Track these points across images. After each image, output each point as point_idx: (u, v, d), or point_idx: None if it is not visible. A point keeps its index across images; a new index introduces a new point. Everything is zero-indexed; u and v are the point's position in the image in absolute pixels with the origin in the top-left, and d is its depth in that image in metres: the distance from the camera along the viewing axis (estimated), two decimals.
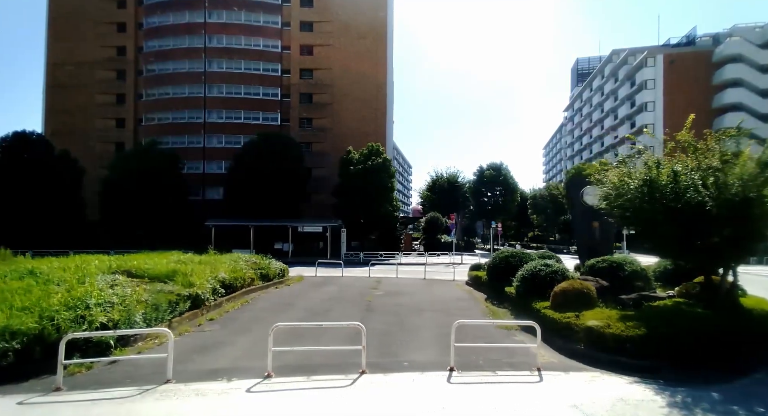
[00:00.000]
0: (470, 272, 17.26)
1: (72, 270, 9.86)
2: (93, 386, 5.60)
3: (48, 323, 6.33)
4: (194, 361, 6.55)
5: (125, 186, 32.21)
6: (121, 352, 6.96)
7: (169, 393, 5.31)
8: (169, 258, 14.14)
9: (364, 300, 12.06)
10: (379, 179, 32.61)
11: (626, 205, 7.68)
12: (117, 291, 8.04)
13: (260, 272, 15.11)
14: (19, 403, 5.04)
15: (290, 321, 9.37)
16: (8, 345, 5.85)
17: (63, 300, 7.05)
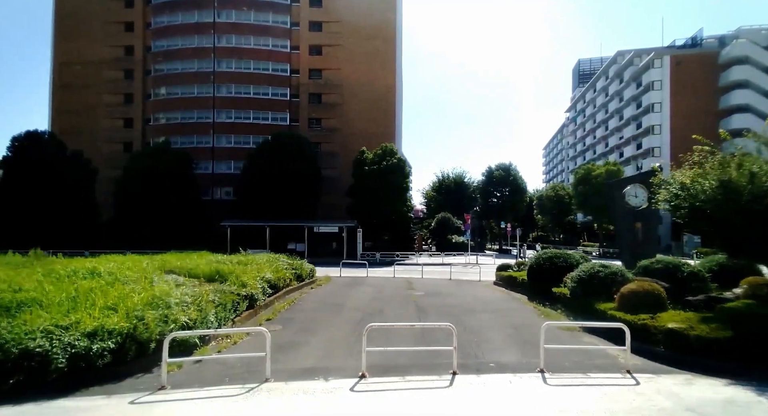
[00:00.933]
0: (498, 272, 17.34)
1: (134, 269, 9.87)
2: (195, 384, 5.61)
3: (138, 322, 6.35)
4: (279, 361, 6.54)
5: (139, 186, 32.14)
6: (203, 352, 6.98)
7: (275, 391, 5.34)
8: (207, 258, 14.14)
9: (409, 300, 12.10)
10: (394, 180, 32.67)
11: (698, 206, 7.69)
12: (186, 291, 8.06)
13: (295, 273, 15.15)
14: (131, 402, 5.06)
15: (346, 321, 9.43)
16: (104, 345, 5.87)
17: (144, 299, 7.07)
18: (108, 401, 5.16)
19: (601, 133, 73.04)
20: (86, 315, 6.34)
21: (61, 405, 5.04)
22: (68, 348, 5.59)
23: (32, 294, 6.99)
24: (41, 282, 7.88)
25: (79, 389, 5.51)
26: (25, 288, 7.40)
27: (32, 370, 5.31)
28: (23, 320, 5.97)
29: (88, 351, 5.73)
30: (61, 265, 10.47)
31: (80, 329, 5.94)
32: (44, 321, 5.96)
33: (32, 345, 5.41)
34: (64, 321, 6.08)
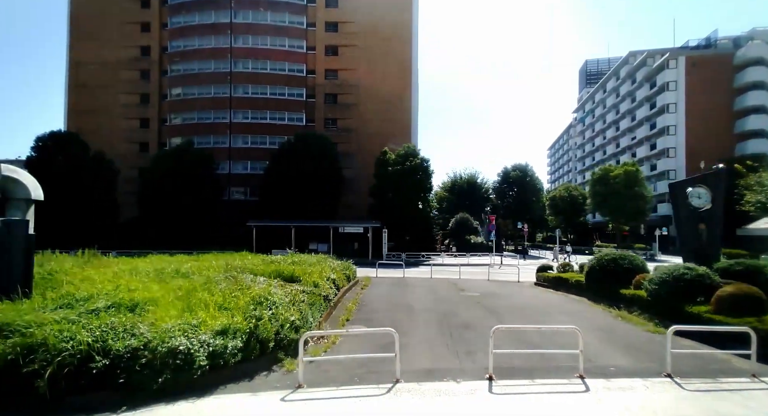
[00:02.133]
0: (540, 273, 17.36)
1: (215, 269, 9.88)
2: (329, 384, 5.60)
3: (258, 321, 6.36)
4: (391, 362, 6.50)
5: (162, 186, 32.13)
6: (314, 352, 6.97)
7: (415, 392, 5.32)
8: (260, 258, 14.16)
9: (471, 301, 12.08)
10: (417, 180, 32.66)
11: None
12: (278, 292, 8.06)
13: (344, 273, 15.13)
14: (282, 400, 5.10)
15: (426, 322, 9.39)
16: (236, 343, 5.87)
17: (250, 299, 7.07)
18: (256, 399, 5.19)
19: (612, 134, 72.97)
20: (206, 315, 6.36)
21: (215, 404, 5.07)
22: (205, 346, 5.61)
23: (143, 294, 7.00)
24: (145, 282, 7.89)
25: (218, 387, 5.53)
26: (133, 287, 7.41)
27: (178, 368, 5.32)
28: (151, 319, 5.98)
29: (225, 349, 5.76)
30: (107, 265, 10.49)
31: (208, 328, 5.96)
32: (172, 319, 5.97)
33: (176, 344, 5.43)
34: (189, 319, 6.11)
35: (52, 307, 6.45)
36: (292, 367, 6.24)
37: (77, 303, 6.63)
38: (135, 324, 5.80)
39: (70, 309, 6.39)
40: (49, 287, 8.08)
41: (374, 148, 44.87)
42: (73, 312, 6.22)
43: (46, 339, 5.15)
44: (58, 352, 5.06)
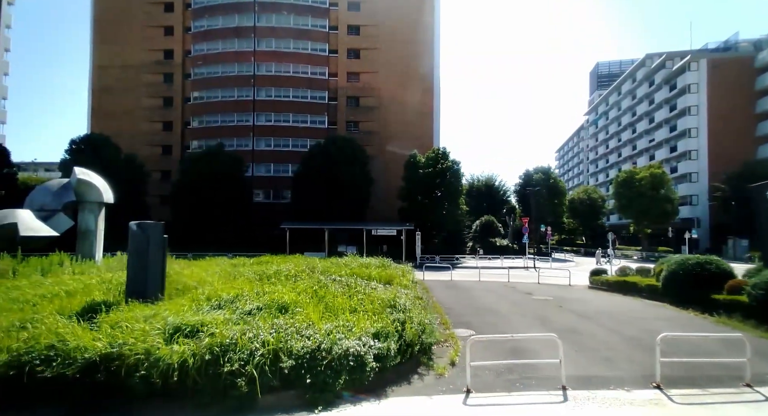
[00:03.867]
0: (595, 277, 17.38)
1: (304, 271, 9.97)
2: (495, 389, 5.61)
3: (403, 325, 6.42)
4: (541, 368, 6.45)
5: (195, 188, 32.31)
6: (452, 356, 7.01)
7: (592, 400, 5.24)
8: (332, 261, 14.25)
9: (550, 305, 12.07)
10: (448, 183, 32.72)
11: None
12: (402, 295, 8.12)
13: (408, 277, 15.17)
14: (464, 404, 5.15)
15: (529, 326, 9.38)
16: (394, 346, 5.93)
17: (381, 302, 7.14)
18: (435, 402, 5.23)
19: (628, 136, 72.78)
20: (352, 318, 6.44)
21: (397, 406, 5.13)
22: (368, 348, 5.68)
23: (278, 297, 7.08)
24: (274, 283, 7.99)
25: (384, 389, 5.58)
26: (268, 290, 7.50)
27: (352, 370, 5.39)
28: (304, 320, 6.04)
29: (388, 351, 5.82)
30: (214, 267, 10.57)
31: (362, 331, 6.03)
32: (327, 322, 6.06)
33: (347, 345, 5.51)
34: (341, 321, 6.20)
35: (205, 309, 6.54)
36: (443, 371, 6.29)
37: (228, 305, 6.73)
38: (300, 325, 5.89)
39: (224, 310, 6.48)
40: (173, 289, 8.19)
41: (396, 151, 45.06)
42: (231, 313, 6.32)
43: (236, 340, 5.24)
44: (250, 352, 5.15)
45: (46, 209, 12.83)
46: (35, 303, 7.16)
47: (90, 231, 14.02)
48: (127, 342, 5.25)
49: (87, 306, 6.80)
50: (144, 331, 5.46)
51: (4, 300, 7.08)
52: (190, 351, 5.12)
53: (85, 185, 13.94)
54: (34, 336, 5.36)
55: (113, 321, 6.00)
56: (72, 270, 11.35)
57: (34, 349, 5.11)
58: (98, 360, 5.05)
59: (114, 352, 5.13)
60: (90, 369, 4.98)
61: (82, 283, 8.58)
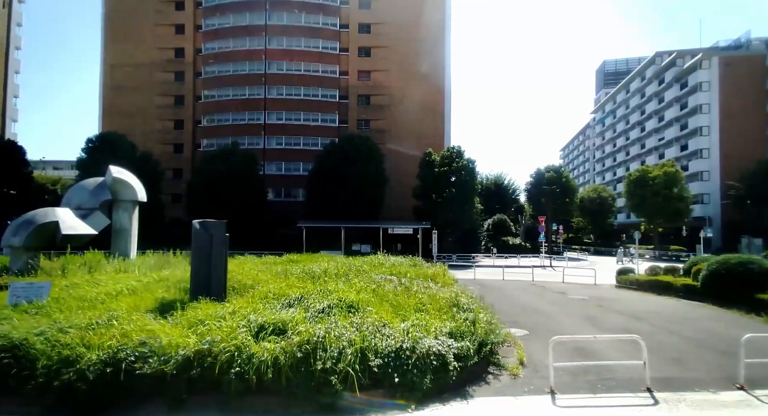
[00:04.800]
0: (623, 276, 17.37)
1: (347, 270, 10.00)
2: (579, 390, 5.60)
3: (473, 325, 6.43)
4: (617, 369, 6.38)
5: (211, 187, 32.33)
6: (520, 356, 7.01)
7: (683, 402, 5.14)
8: (365, 259, 14.26)
9: (592, 305, 12.04)
10: (463, 181, 32.70)
11: None
12: (463, 295, 8.13)
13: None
14: (555, 405, 5.15)
15: (581, 326, 9.34)
16: (473, 346, 5.93)
17: (445, 302, 7.15)
18: (522, 402, 5.23)
19: (636, 135, 72.58)
20: (423, 316, 6.45)
21: (486, 406, 5.14)
22: (447, 348, 5.68)
23: (344, 295, 7.09)
24: (326, 282, 8.02)
25: (464, 388, 5.59)
26: (328, 289, 7.52)
27: (435, 369, 5.40)
28: (376, 319, 6.03)
29: (468, 351, 5.83)
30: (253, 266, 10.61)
31: (437, 330, 6.04)
32: (399, 321, 6.08)
33: (429, 344, 5.52)
34: (415, 320, 6.21)
35: (277, 307, 6.56)
36: (517, 371, 6.28)
37: (297, 304, 6.75)
38: (377, 324, 5.90)
39: (295, 308, 6.50)
40: (230, 287, 8.21)
41: (407, 149, 44.99)
42: (305, 311, 6.34)
43: (323, 338, 5.26)
44: (339, 351, 5.17)
45: (83, 208, 12.87)
46: (102, 300, 7.19)
47: (125, 229, 14.09)
48: (215, 339, 5.28)
49: (161, 303, 6.83)
50: (231, 328, 5.48)
51: (72, 299, 7.11)
52: (280, 349, 5.15)
53: (120, 184, 14.00)
54: (126, 332, 5.39)
55: (193, 319, 6.03)
56: (115, 268, 11.40)
57: (126, 346, 5.14)
58: (191, 356, 5.08)
59: (205, 349, 5.17)
60: (185, 366, 5.01)
61: (141, 281, 8.61)
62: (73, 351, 5.08)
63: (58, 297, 7.17)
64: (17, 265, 11.02)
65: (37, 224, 11.25)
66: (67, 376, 4.83)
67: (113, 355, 5.01)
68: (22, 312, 6.29)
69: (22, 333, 5.26)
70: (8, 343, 5.10)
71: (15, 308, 6.52)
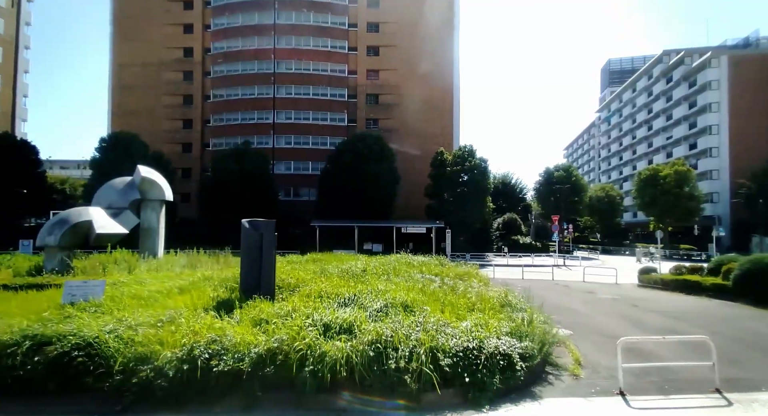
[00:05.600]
0: (645, 276, 17.34)
1: (389, 269, 10.02)
2: (649, 391, 5.57)
3: (529, 325, 6.44)
4: (674, 370, 6.34)
5: (224, 187, 32.37)
6: (575, 357, 6.98)
7: (758, 402, 5.17)
8: (392, 258, 14.27)
9: (626, 304, 11.99)
10: (476, 181, 32.66)
11: None
12: (511, 295, 8.15)
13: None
14: (629, 406, 5.13)
15: (624, 328, 9.21)
16: (527, 345, 5.93)
17: (496, 301, 7.16)
18: (594, 404, 5.21)
19: (643, 133, 72.41)
20: (481, 316, 6.46)
21: (558, 407, 5.13)
22: (512, 348, 5.69)
23: (399, 295, 7.10)
24: (368, 281, 8.03)
25: (528, 389, 5.58)
26: (382, 288, 7.53)
27: (503, 369, 5.41)
28: (434, 319, 6.03)
29: (533, 351, 5.84)
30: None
31: (496, 329, 6.04)
32: (457, 320, 6.09)
33: (495, 344, 5.53)
34: (475, 320, 6.22)
35: (334, 306, 6.57)
36: (578, 371, 6.27)
37: (352, 303, 6.76)
38: (439, 323, 5.91)
39: (351, 308, 6.51)
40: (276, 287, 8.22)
41: (416, 148, 44.95)
42: (363, 311, 6.35)
43: (391, 337, 5.27)
44: (410, 350, 5.18)
45: (113, 207, 12.91)
46: (156, 298, 7.22)
47: (153, 228, 14.13)
48: (283, 338, 5.30)
49: (216, 301, 6.85)
50: (299, 327, 5.50)
51: (127, 297, 7.14)
52: (351, 348, 5.17)
53: (149, 183, 14.03)
54: (195, 330, 5.42)
55: (255, 317, 6.05)
56: (148, 267, 11.44)
57: (199, 343, 5.16)
58: (263, 354, 5.11)
59: (276, 347, 5.19)
60: (259, 364, 5.03)
61: (186, 280, 8.64)
62: (147, 349, 5.12)
63: (113, 296, 7.20)
64: (52, 264, 11.07)
65: (71, 223, 11.30)
66: (145, 373, 4.87)
67: (189, 352, 5.03)
68: (82, 311, 6.32)
69: (94, 330, 5.29)
70: (82, 341, 5.12)
71: (73, 306, 6.55)
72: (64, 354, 4.95)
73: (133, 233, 14.74)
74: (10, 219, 30.42)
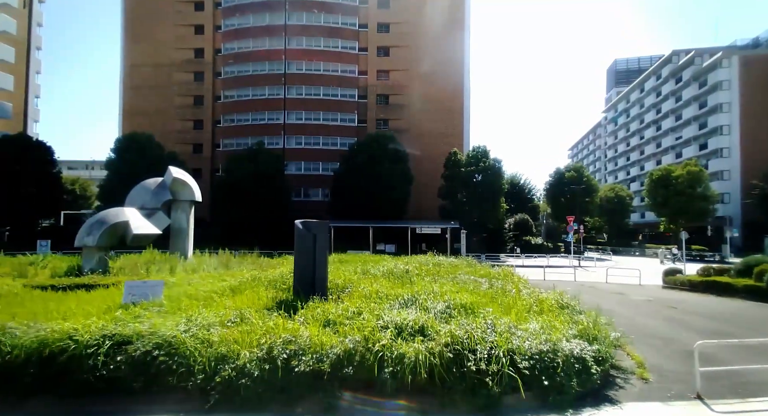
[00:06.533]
0: (671, 277, 17.26)
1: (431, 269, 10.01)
2: (723, 395, 5.53)
3: (594, 327, 6.41)
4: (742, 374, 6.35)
5: (238, 188, 32.43)
6: (638, 361, 6.92)
7: None
8: (426, 260, 14.28)
9: (661, 305, 11.98)
10: (490, 181, 32.61)
11: None
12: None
13: None
14: (711, 410, 5.09)
15: (668, 329, 9.21)
16: (600, 348, 5.89)
17: (555, 302, 7.15)
18: (673, 409, 5.15)
19: (651, 134, 72.16)
20: (545, 318, 6.44)
21: (636, 411, 5.08)
22: (586, 351, 5.65)
23: (458, 296, 7.08)
24: (416, 283, 8.03)
25: (603, 392, 5.54)
26: (438, 290, 7.52)
27: (577, 373, 5.37)
28: (499, 321, 6.01)
29: (605, 354, 5.81)
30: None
31: (563, 332, 6.02)
32: (533, 323, 6.08)
33: (570, 346, 5.51)
34: (541, 323, 6.20)
35: (396, 307, 6.56)
36: (647, 375, 6.21)
37: (412, 304, 6.75)
38: (509, 326, 5.89)
39: (412, 309, 6.50)
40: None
41: (426, 149, 44.94)
42: (427, 312, 6.34)
43: (466, 339, 5.26)
44: (489, 352, 5.17)
45: (146, 207, 12.95)
46: (211, 298, 7.23)
47: (183, 229, 14.17)
48: (356, 338, 5.29)
49: (275, 302, 6.86)
50: (373, 328, 5.50)
51: (185, 297, 7.15)
52: (428, 349, 5.16)
53: (180, 184, 14.08)
54: (268, 330, 5.43)
55: (321, 317, 6.06)
56: (184, 268, 11.46)
57: (275, 343, 5.16)
58: (341, 354, 5.11)
59: (352, 348, 5.18)
60: (338, 364, 5.03)
61: (235, 280, 8.65)
62: (226, 348, 5.12)
63: (169, 296, 7.22)
64: (90, 265, 11.10)
65: (109, 224, 11.34)
66: (227, 373, 4.87)
67: (268, 352, 5.04)
68: (145, 310, 6.33)
69: (172, 330, 5.30)
70: (161, 340, 5.14)
71: (136, 306, 6.57)
72: (146, 354, 4.96)
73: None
74: (27, 220, 30.57)
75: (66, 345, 4.91)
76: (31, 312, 6.29)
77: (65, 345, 4.92)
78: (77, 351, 4.87)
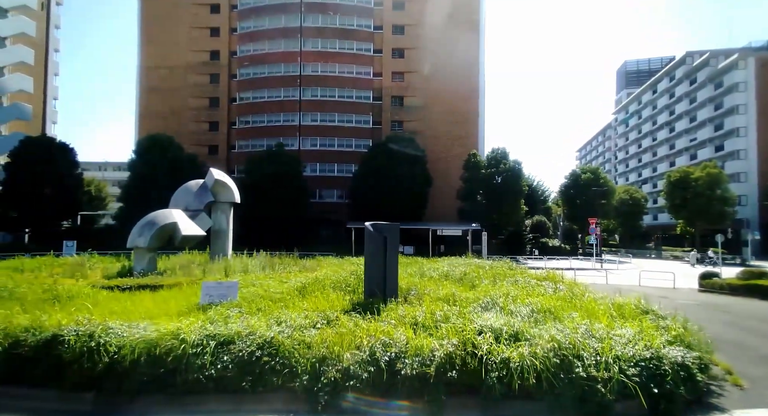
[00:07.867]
0: (707, 280, 17.09)
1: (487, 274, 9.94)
2: None
3: (686, 333, 6.33)
4: None
5: (258, 188, 32.52)
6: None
7: None
8: (465, 262, 14.21)
9: (719, 312, 11.77)
10: (510, 183, 32.51)
11: None
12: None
13: None
14: None
15: (750, 335, 9.05)
16: (699, 355, 5.80)
17: (635, 306, 7.08)
18: None
19: (665, 136, 71.64)
20: (632, 324, 6.37)
21: None
22: (692, 359, 5.56)
23: (537, 300, 7.02)
24: (477, 286, 7.99)
25: (705, 400, 5.44)
26: (513, 294, 7.47)
27: (684, 381, 5.27)
28: (604, 329, 5.94)
29: (707, 361, 5.73)
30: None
31: (656, 339, 5.93)
32: (627, 329, 6.01)
33: (674, 354, 5.42)
34: (632, 329, 6.12)
35: (478, 310, 6.52)
36: (740, 382, 6.11)
37: (492, 307, 6.70)
38: (605, 331, 5.83)
39: (493, 312, 6.45)
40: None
41: (441, 150, 44.91)
42: (512, 317, 6.29)
43: (569, 345, 5.21)
44: (595, 357, 5.11)
45: (190, 209, 13.00)
46: (284, 300, 7.21)
47: (223, 230, 14.22)
48: (454, 341, 5.25)
49: (353, 304, 6.84)
50: (472, 331, 5.46)
51: (259, 298, 7.14)
52: (531, 354, 5.10)
53: (221, 185, 14.14)
54: (363, 331, 5.41)
55: (408, 319, 6.02)
56: (234, 269, 11.48)
57: (374, 345, 5.13)
58: (443, 358, 5.07)
59: (452, 352, 5.14)
60: (441, 368, 4.99)
61: (297, 282, 8.65)
62: (327, 350, 5.10)
63: (243, 297, 7.22)
64: (141, 265, 11.16)
65: (159, 225, 11.40)
66: (332, 375, 4.85)
67: (371, 354, 5.00)
68: (228, 310, 6.32)
69: (267, 331, 5.28)
70: (262, 340, 5.13)
71: (215, 307, 6.56)
72: (250, 354, 4.96)
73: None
74: (52, 221, 30.85)
75: (173, 345, 4.91)
76: (111, 312, 6.31)
77: (172, 344, 4.91)
78: (185, 351, 4.86)
